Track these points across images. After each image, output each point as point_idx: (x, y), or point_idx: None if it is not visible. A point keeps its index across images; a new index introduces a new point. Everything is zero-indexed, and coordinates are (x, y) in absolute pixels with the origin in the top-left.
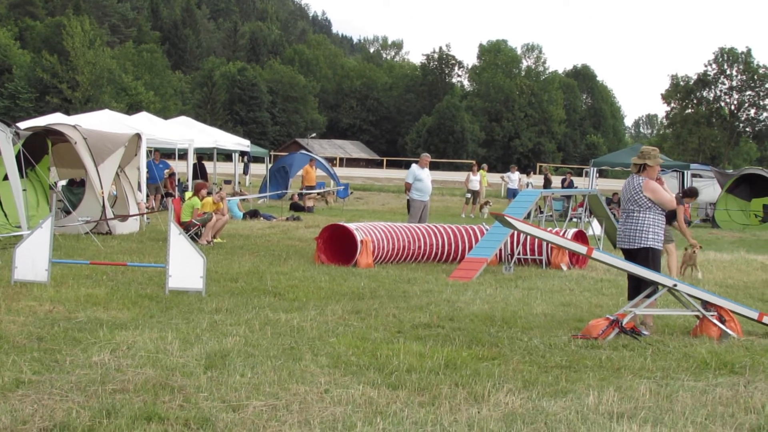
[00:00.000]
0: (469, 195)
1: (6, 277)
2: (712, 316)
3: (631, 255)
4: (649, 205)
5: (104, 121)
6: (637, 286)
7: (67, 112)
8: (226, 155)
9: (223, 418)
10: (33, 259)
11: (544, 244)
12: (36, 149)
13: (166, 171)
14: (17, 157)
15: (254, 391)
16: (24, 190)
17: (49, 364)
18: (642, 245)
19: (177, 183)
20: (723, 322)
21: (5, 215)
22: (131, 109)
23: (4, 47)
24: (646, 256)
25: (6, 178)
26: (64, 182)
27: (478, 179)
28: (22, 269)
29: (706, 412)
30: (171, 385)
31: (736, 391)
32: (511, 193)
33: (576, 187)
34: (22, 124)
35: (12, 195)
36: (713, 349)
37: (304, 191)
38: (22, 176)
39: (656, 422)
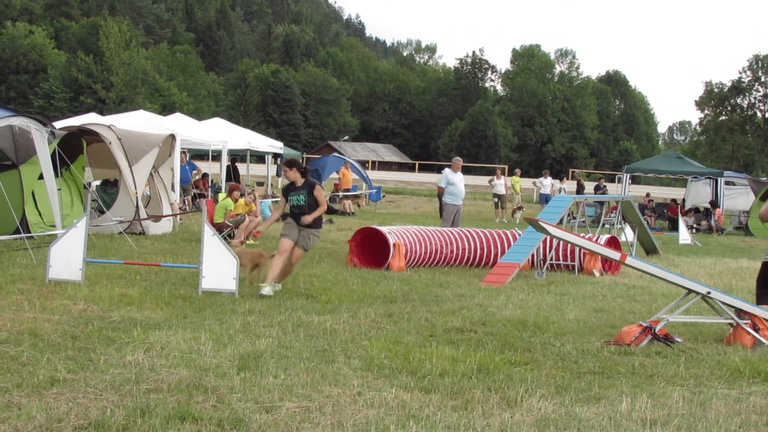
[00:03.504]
0: (496, 200)
1: (41, 275)
2: (745, 324)
3: None
4: None
5: (138, 122)
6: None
7: (101, 113)
8: (258, 157)
9: (256, 419)
10: (67, 258)
11: (577, 249)
12: (71, 149)
13: (194, 172)
14: (52, 156)
15: (287, 393)
16: (59, 189)
17: (83, 363)
18: None
19: (210, 184)
20: (757, 330)
21: (40, 214)
22: (165, 109)
23: (40, 47)
24: None
25: (41, 177)
26: (98, 182)
27: (503, 183)
28: (56, 268)
29: (740, 420)
30: (204, 386)
31: None
32: (544, 199)
33: (608, 193)
34: (57, 124)
35: (47, 194)
36: (747, 357)
37: (341, 194)
38: (57, 176)
39: (689, 430)
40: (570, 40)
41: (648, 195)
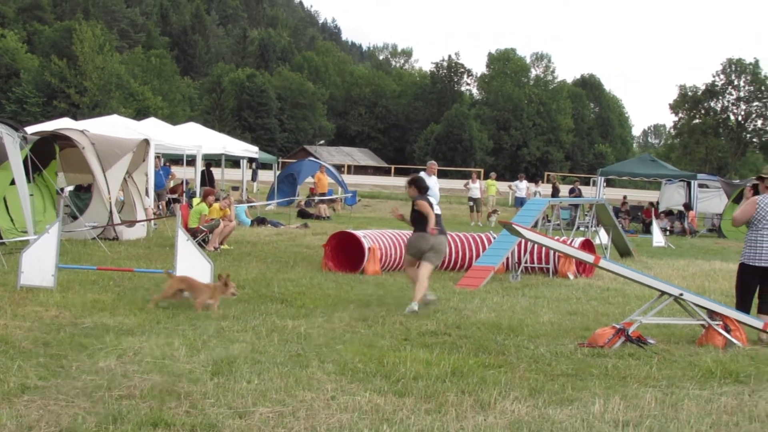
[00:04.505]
0: (471, 203)
1: (12, 282)
2: (717, 325)
3: None
4: None
5: (112, 127)
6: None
7: (75, 117)
8: (234, 162)
9: (229, 425)
10: (40, 264)
11: (551, 252)
12: (44, 154)
13: (169, 177)
14: (25, 161)
15: (261, 398)
16: (31, 195)
17: (55, 370)
18: None
19: (185, 189)
20: (728, 331)
21: (12, 220)
22: (139, 114)
23: (12, 51)
24: None
25: (13, 182)
26: (71, 188)
27: (478, 186)
28: (28, 274)
29: (711, 420)
30: (177, 392)
31: (741, 400)
32: (519, 202)
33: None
34: (30, 129)
35: (19, 200)
36: (718, 358)
37: (316, 199)
38: (29, 181)
39: (661, 431)
40: (545, 44)
41: (625, 198)
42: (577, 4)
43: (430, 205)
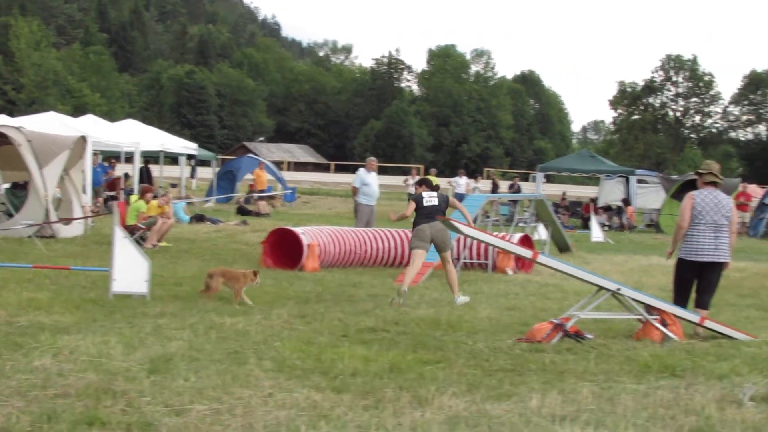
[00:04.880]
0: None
1: None
2: (654, 320)
3: (716, 267)
4: None
5: (49, 124)
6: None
7: (11, 114)
8: (172, 159)
9: (166, 423)
10: None
11: (490, 248)
12: None
13: (106, 174)
14: None
15: (198, 396)
16: None
17: None
18: (728, 259)
19: (123, 186)
20: (665, 325)
21: None
22: (77, 111)
23: None
24: (723, 269)
25: None
26: (7, 185)
27: None
28: None
29: (648, 414)
30: (113, 390)
31: (677, 393)
32: (459, 198)
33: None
34: None
35: None
36: (655, 353)
37: (255, 195)
38: None
39: (598, 425)
40: (485, 41)
41: (564, 194)
42: (517, 0)
43: (421, 199)
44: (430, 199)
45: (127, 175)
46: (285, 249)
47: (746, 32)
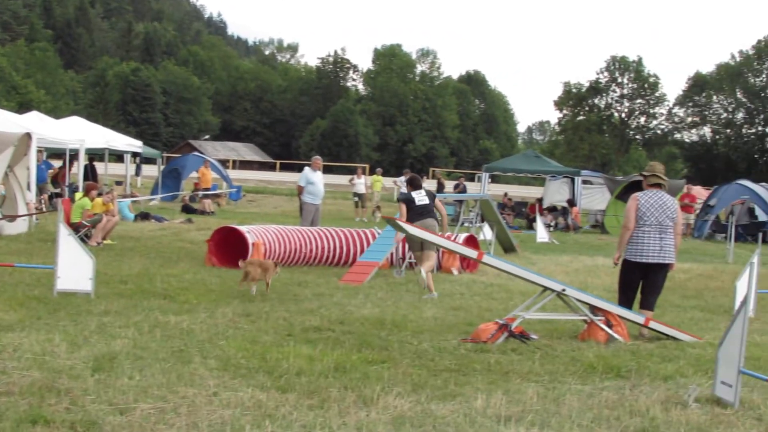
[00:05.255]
0: (356, 199)
1: None
2: (599, 320)
3: (661, 268)
4: None
5: None
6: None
7: None
8: (117, 156)
9: (110, 421)
10: None
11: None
12: None
13: (50, 171)
14: None
15: (142, 394)
16: None
17: None
18: (673, 260)
19: (68, 184)
20: (610, 326)
21: None
22: (22, 108)
23: None
24: (668, 271)
25: None
26: None
27: (363, 182)
28: None
29: (593, 415)
30: (57, 388)
31: (622, 394)
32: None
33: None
34: None
35: None
36: (600, 353)
37: (200, 194)
38: None
39: (543, 425)
40: (431, 40)
41: (506, 194)
42: (463, 1)
43: (411, 201)
44: (421, 198)
45: (62, 166)
46: (230, 247)
47: (691, 34)
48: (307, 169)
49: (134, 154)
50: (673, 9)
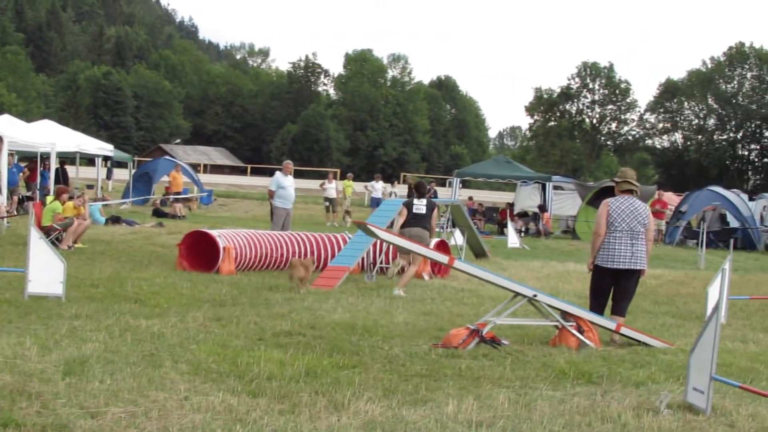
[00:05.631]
0: (327, 203)
1: None
2: (570, 326)
3: (633, 274)
4: None
5: None
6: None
7: None
8: (89, 160)
9: (81, 425)
10: None
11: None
12: None
13: (21, 174)
14: None
15: (113, 398)
16: None
17: None
18: (645, 266)
19: (38, 187)
20: (581, 332)
21: None
22: None
23: None
24: (640, 277)
25: None
26: None
27: (334, 187)
28: None
29: (564, 421)
30: (28, 392)
31: (593, 400)
32: (375, 203)
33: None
34: None
35: None
36: (571, 359)
37: (171, 198)
38: None
39: (515, 431)
40: (402, 46)
41: (470, 198)
42: (434, 6)
43: (411, 205)
44: (419, 207)
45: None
46: (201, 251)
47: (662, 40)
48: (278, 173)
49: (105, 158)
50: (644, 15)
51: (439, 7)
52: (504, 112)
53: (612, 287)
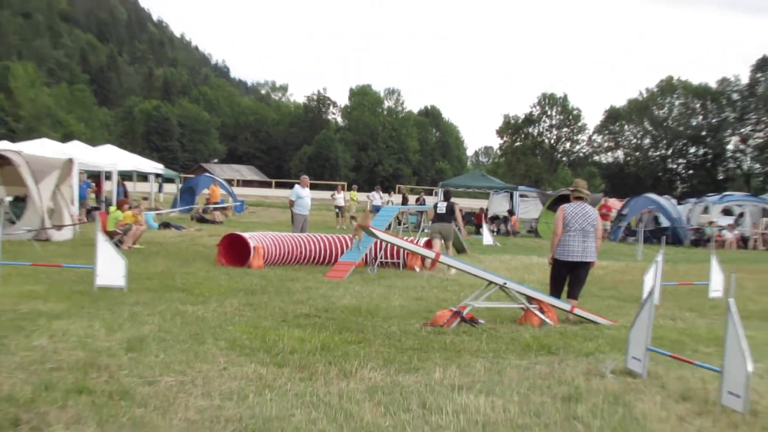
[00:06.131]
0: (337, 210)
1: None
2: (534, 308)
3: (584, 266)
4: None
5: (43, 148)
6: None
7: (12, 141)
8: (143, 177)
9: (140, 391)
10: None
11: (402, 250)
12: None
13: (89, 189)
14: None
15: (166, 369)
16: None
17: None
18: (594, 259)
19: (104, 199)
20: (543, 312)
21: None
22: (65, 138)
23: None
24: (590, 268)
25: None
26: (10, 198)
27: (342, 197)
28: None
29: (529, 384)
30: (98, 365)
31: (552, 367)
32: (375, 209)
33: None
34: None
35: None
36: (535, 335)
37: (211, 207)
38: None
39: (489, 393)
40: (396, 81)
41: (461, 210)
42: (423, 49)
43: (436, 207)
44: (440, 208)
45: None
46: (236, 250)
47: (607, 74)
48: (297, 186)
49: (157, 175)
50: (593, 53)
51: (427, 49)
52: (479, 135)
53: (567, 276)
